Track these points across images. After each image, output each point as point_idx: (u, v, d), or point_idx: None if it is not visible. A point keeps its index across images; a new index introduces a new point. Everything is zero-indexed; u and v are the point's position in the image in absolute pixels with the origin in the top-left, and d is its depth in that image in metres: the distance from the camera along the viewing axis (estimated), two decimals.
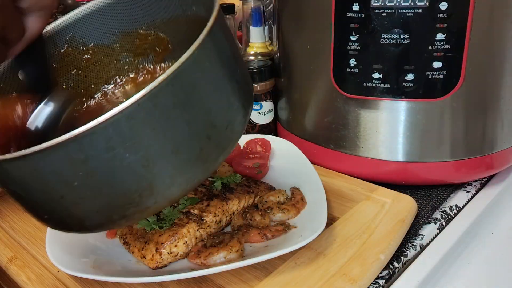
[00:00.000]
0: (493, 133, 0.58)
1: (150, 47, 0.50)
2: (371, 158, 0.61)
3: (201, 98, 0.34)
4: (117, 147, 0.31)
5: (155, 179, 0.33)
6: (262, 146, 0.67)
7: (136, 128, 0.31)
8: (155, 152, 0.32)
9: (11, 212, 0.60)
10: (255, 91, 0.74)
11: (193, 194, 0.53)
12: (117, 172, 0.32)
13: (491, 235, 0.58)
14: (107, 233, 0.52)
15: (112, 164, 0.31)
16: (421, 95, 0.55)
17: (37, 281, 0.47)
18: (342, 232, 0.51)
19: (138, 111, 0.30)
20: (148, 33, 0.50)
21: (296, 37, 0.65)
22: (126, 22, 0.50)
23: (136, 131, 0.31)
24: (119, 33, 0.51)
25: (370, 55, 0.56)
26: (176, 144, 0.33)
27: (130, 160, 0.31)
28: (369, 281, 0.45)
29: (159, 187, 0.34)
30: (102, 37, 0.51)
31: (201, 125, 0.35)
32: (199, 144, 0.35)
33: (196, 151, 0.35)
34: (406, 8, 0.52)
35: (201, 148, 0.35)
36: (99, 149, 0.30)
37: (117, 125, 0.30)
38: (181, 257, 0.47)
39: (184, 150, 0.34)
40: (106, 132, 0.30)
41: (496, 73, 0.55)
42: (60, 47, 0.49)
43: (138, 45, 0.51)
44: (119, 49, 0.51)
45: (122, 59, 0.51)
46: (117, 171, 0.32)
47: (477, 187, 0.64)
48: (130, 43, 0.51)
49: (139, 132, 0.31)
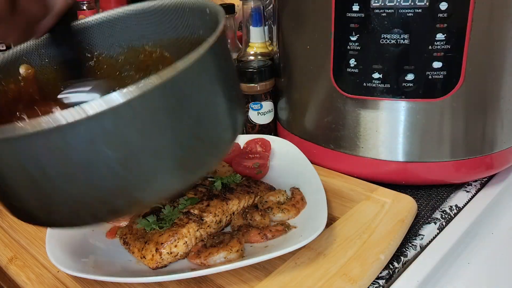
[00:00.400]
0: (493, 133, 0.58)
1: (153, 64, 0.51)
2: (371, 158, 0.61)
3: (192, 109, 0.34)
4: (98, 141, 0.30)
5: (131, 180, 0.33)
6: (262, 146, 0.67)
7: (121, 126, 0.30)
8: (136, 153, 0.32)
9: None
10: (255, 91, 0.74)
11: (193, 194, 0.53)
12: (94, 167, 0.31)
13: (491, 235, 0.58)
14: (107, 233, 0.52)
15: (90, 157, 0.31)
16: (421, 95, 0.55)
17: (37, 281, 0.47)
18: (342, 232, 0.51)
19: (127, 110, 0.30)
20: (153, 51, 0.51)
21: (296, 37, 0.65)
22: (135, 37, 0.51)
23: (121, 130, 0.30)
24: (125, 46, 0.51)
25: (370, 55, 0.56)
26: (158, 149, 0.33)
27: (109, 157, 0.31)
28: (369, 281, 0.45)
29: (134, 190, 0.33)
30: (108, 48, 0.51)
31: (187, 136, 0.34)
32: (181, 153, 0.34)
33: (177, 159, 0.34)
34: (406, 8, 0.52)
35: (182, 157, 0.34)
36: (79, 139, 0.30)
37: (102, 120, 0.29)
38: (181, 257, 0.47)
39: (165, 156, 0.33)
40: (90, 124, 0.29)
41: (496, 73, 0.55)
42: None
43: (142, 61, 0.51)
44: (123, 62, 0.52)
45: (124, 72, 0.52)
46: (94, 165, 0.31)
47: (477, 187, 0.64)
48: (134, 58, 0.52)
49: (123, 131, 0.31)
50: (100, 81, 0.49)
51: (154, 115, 0.32)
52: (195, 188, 0.54)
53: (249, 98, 0.75)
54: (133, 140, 0.31)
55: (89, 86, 0.45)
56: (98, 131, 0.30)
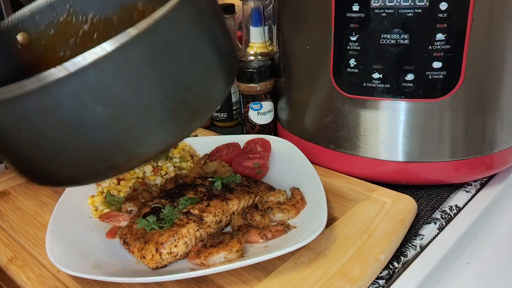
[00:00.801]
0: (493, 133, 0.58)
1: None
2: (371, 158, 0.61)
3: (176, 59, 0.33)
4: (85, 98, 0.30)
5: (124, 135, 0.33)
6: (262, 146, 0.67)
7: (105, 81, 0.30)
8: (125, 108, 0.32)
9: (11, 212, 0.60)
10: (255, 91, 0.74)
11: (193, 194, 0.53)
12: (86, 124, 0.32)
13: (491, 235, 0.58)
14: (107, 233, 0.52)
15: (80, 115, 0.31)
16: (421, 95, 0.55)
17: (37, 281, 0.47)
18: (342, 232, 0.51)
19: (107, 64, 0.30)
20: (145, 8, 0.50)
21: (296, 37, 0.65)
22: None
23: (105, 85, 0.31)
24: (118, 5, 0.51)
25: (370, 55, 0.56)
26: (147, 102, 0.33)
27: (99, 113, 0.31)
28: (369, 281, 0.45)
29: (129, 145, 0.34)
30: (101, 9, 0.51)
31: (175, 87, 0.34)
32: (172, 106, 0.34)
33: (168, 112, 0.34)
34: (406, 8, 0.52)
35: (173, 109, 0.34)
36: (66, 97, 0.30)
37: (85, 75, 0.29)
38: (181, 257, 0.47)
39: (156, 109, 0.33)
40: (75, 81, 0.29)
41: (496, 73, 0.55)
42: (60, 15, 0.50)
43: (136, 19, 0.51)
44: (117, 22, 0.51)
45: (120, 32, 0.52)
46: (86, 123, 0.31)
47: (477, 187, 0.64)
48: (128, 16, 0.51)
49: (109, 86, 0.31)
50: None
51: (137, 67, 0.31)
52: (195, 188, 0.54)
53: (249, 98, 0.75)
54: (119, 94, 0.31)
55: None
56: (84, 87, 0.30)
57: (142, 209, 0.52)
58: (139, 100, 0.32)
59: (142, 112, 0.33)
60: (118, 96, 0.31)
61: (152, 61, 0.32)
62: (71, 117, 0.31)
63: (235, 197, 0.53)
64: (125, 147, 0.34)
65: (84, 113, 0.31)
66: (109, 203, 0.57)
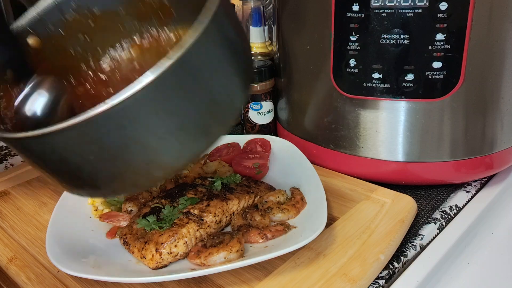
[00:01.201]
0: (493, 133, 0.58)
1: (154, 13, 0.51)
2: (371, 158, 0.61)
3: (205, 78, 0.35)
4: (127, 126, 0.33)
5: (164, 154, 0.36)
6: (262, 146, 0.67)
7: (143, 110, 0.33)
8: (163, 131, 0.35)
9: (11, 212, 0.60)
10: (255, 91, 0.74)
11: (193, 194, 0.53)
12: (129, 147, 0.34)
13: (491, 235, 0.58)
14: (107, 233, 0.52)
15: (124, 141, 0.34)
16: (421, 95, 0.55)
17: (37, 281, 0.47)
18: (342, 232, 0.51)
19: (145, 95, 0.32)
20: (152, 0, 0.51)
21: (296, 37, 0.65)
22: None
23: (144, 113, 0.33)
24: None
25: (370, 55, 0.56)
26: (181, 122, 0.35)
27: (141, 137, 0.34)
28: (369, 281, 0.45)
29: (168, 161, 0.37)
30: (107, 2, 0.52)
31: (205, 103, 0.36)
32: (203, 121, 0.37)
33: (200, 127, 0.37)
34: (406, 8, 0.52)
35: (204, 124, 0.37)
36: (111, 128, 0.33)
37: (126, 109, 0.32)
38: (181, 257, 0.47)
39: (189, 126, 0.36)
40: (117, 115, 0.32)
41: (496, 73, 0.55)
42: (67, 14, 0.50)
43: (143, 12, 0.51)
44: (124, 15, 0.52)
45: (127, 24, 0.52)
46: (129, 146, 0.34)
47: (477, 187, 0.64)
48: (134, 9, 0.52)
49: (147, 113, 0.33)
50: None
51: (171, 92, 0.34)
52: (195, 188, 0.54)
53: (249, 98, 0.75)
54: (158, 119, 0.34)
55: None
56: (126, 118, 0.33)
57: (142, 209, 0.52)
58: (174, 121, 0.35)
59: (177, 131, 0.36)
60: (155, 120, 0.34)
61: (183, 84, 0.34)
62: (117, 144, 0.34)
63: (235, 197, 0.53)
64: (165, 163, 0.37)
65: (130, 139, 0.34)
66: (109, 203, 0.57)
